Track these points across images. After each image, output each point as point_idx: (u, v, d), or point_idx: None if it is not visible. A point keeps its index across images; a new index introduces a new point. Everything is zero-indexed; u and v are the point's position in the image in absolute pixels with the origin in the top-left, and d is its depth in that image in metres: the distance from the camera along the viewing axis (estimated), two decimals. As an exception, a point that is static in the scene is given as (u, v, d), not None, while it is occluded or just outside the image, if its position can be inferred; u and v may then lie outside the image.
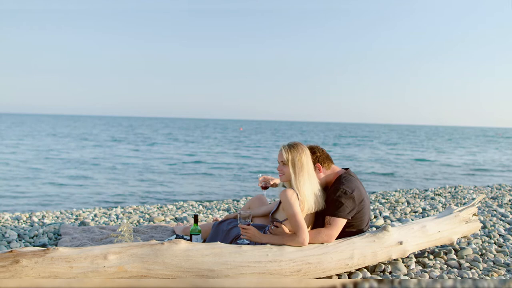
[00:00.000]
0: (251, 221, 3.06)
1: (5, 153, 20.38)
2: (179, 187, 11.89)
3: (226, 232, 3.33)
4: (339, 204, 2.94)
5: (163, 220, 5.16)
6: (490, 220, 5.12)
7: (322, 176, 3.15)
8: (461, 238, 3.93)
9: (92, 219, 5.23)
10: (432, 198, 7.18)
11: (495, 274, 3.15)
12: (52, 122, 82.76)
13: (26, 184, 11.70)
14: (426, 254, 3.57)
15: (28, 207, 8.75)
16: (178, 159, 19.98)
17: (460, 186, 9.28)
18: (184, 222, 5.09)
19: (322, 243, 2.90)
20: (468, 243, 3.91)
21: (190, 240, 3.34)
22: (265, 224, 3.34)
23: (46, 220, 5.18)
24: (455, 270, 3.22)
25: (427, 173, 16.07)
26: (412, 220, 5.13)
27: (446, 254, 3.60)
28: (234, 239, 3.18)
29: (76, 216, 5.52)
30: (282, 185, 3.41)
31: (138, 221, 5.15)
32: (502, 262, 3.43)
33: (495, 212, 5.69)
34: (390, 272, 3.17)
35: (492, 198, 7.27)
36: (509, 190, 8.44)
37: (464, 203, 6.51)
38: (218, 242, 2.75)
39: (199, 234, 3.38)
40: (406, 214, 5.66)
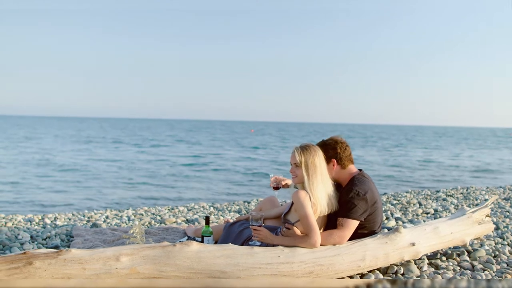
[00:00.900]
0: (263, 222, 3.06)
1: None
2: (189, 189, 11.92)
3: (238, 233, 3.33)
4: (352, 206, 2.92)
5: (174, 222, 5.18)
6: (503, 221, 5.06)
7: (334, 173, 3.11)
8: (474, 239, 3.88)
9: (104, 221, 5.26)
10: (444, 199, 7.10)
11: (508, 276, 3.11)
12: (58, 124, 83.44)
13: (46, 185, 11.84)
14: (439, 256, 3.53)
15: (39, 208, 8.84)
16: (188, 161, 20.04)
17: (472, 187, 9.17)
18: (196, 223, 5.10)
19: (334, 245, 2.88)
20: (481, 245, 3.87)
21: (202, 241, 3.34)
22: (276, 226, 3.33)
23: (58, 222, 5.23)
24: (468, 271, 3.18)
25: (436, 174, 15.92)
26: (424, 221, 5.09)
27: (459, 255, 3.57)
28: (245, 241, 3.18)
29: (88, 218, 5.56)
30: (294, 185, 3.40)
31: (150, 222, 5.17)
32: (516, 263, 3.39)
33: (508, 213, 5.63)
34: (403, 274, 3.14)
35: (504, 199, 7.19)
36: (522, 191, 8.34)
37: (477, 204, 6.44)
38: (230, 244, 2.75)
39: (210, 236, 3.38)
40: (418, 215, 5.62)
